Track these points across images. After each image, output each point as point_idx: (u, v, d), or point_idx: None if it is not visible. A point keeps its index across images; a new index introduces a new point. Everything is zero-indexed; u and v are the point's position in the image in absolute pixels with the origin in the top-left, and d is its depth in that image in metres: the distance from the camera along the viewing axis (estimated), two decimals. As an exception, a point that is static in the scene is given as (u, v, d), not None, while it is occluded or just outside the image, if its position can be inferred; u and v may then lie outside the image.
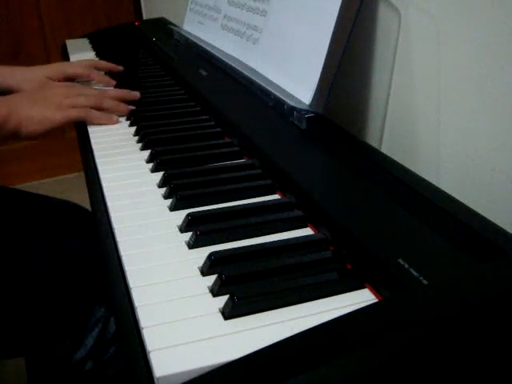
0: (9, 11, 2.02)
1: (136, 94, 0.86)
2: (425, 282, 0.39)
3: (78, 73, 0.95)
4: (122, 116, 0.83)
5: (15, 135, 0.75)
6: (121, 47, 1.25)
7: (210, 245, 0.49)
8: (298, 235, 0.50)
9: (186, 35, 1.08)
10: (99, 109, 0.81)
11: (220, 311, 0.41)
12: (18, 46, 2.06)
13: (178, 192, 0.57)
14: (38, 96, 0.79)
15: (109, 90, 0.87)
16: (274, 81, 0.76)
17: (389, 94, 0.70)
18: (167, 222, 0.53)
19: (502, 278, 0.38)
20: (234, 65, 0.85)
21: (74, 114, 0.78)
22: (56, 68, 0.96)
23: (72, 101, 0.79)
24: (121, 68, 1.01)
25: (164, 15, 1.49)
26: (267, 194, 0.58)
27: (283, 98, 0.70)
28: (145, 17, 2.04)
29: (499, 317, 0.35)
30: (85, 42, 1.33)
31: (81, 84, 0.93)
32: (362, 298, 0.42)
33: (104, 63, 1.01)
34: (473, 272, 0.39)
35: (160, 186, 0.61)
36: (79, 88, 0.85)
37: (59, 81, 0.93)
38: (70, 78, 0.95)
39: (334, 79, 0.68)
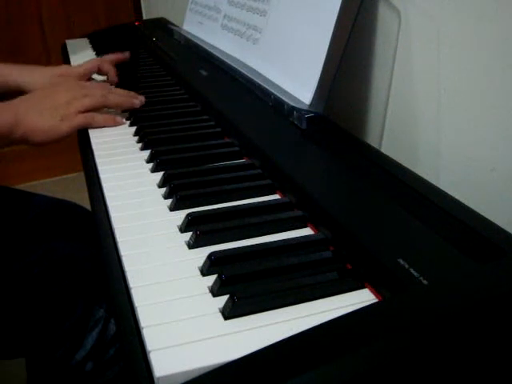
0: (8, 11, 2.02)
1: (142, 99, 0.84)
2: (425, 282, 0.39)
3: (88, 68, 0.93)
4: (130, 110, 0.82)
5: (22, 143, 0.75)
6: (121, 47, 1.24)
7: (210, 245, 0.49)
8: (297, 235, 0.50)
9: (186, 35, 1.08)
10: (105, 106, 0.80)
11: (220, 311, 0.41)
12: (17, 45, 2.06)
13: (178, 192, 0.57)
14: (44, 104, 0.77)
15: (116, 89, 0.85)
16: (274, 81, 0.76)
17: (389, 94, 0.70)
18: (167, 222, 0.53)
19: (502, 278, 0.38)
20: (234, 65, 0.85)
21: (80, 121, 0.77)
22: (65, 69, 0.94)
23: (78, 105, 0.77)
24: (127, 54, 1.00)
25: (164, 15, 1.49)
26: (267, 194, 0.58)
27: (283, 98, 0.70)
28: (145, 17, 2.05)
29: (499, 317, 0.35)
30: (85, 42, 1.33)
31: (88, 82, 0.91)
32: (362, 298, 0.42)
33: (111, 55, 0.99)
34: (473, 272, 0.39)
35: (160, 186, 0.61)
36: (85, 88, 0.82)
37: None
38: (81, 78, 0.93)
39: (334, 79, 0.68)
